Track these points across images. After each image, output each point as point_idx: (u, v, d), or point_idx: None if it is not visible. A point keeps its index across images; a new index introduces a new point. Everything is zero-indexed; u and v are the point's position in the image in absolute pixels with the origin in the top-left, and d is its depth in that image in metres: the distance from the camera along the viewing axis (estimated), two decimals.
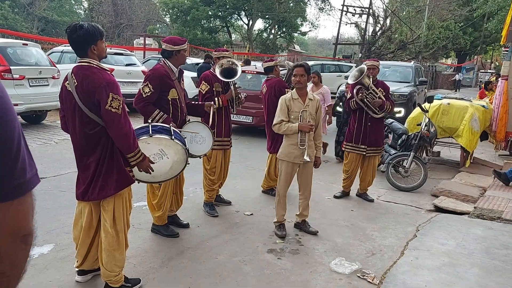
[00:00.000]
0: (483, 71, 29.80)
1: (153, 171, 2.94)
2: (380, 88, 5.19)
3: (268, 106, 5.02)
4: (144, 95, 3.61)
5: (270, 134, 4.98)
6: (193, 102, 4.27)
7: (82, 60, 2.66)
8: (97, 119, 2.65)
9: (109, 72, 2.70)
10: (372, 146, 5.22)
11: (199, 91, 4.46)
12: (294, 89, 4.08)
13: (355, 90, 5.15)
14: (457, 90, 31.28)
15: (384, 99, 5.11)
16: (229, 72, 4.31)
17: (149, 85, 3.60)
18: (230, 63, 4.32)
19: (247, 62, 11.83)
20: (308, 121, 3.96)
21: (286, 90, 4.73)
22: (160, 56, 3.99)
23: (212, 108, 4.15)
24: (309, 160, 3.99)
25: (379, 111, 5.13)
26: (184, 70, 3.97)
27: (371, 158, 5.32)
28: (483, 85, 13.44)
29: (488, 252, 3.96)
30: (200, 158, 4.08)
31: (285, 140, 4.06)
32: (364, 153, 5.24)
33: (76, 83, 2.61)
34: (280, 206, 4.14)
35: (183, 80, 3.95)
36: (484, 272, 3.56)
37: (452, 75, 35.21)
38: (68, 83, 2.67)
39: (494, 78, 13.41)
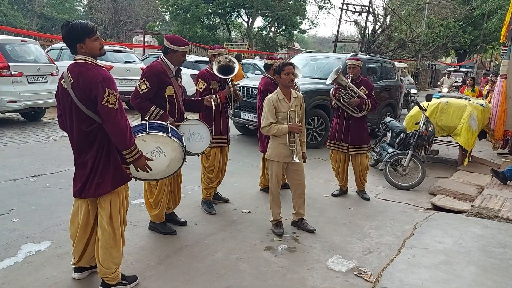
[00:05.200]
0: (451, 69, 26.28)
1: (151, 170, 2.94)
2: (362, 87, 5.17)
3: (259, 105, 5.02)
4: (140, 92, 3.61)
5: (261, 133, 4.97)
6: (192, 99, 4.26)
7: (77, 57, 2.65)
8: (93, 116, 2.65)
9: (104, 68, 2.70)
10: (354, 144, 5.20)
11: (197, 89, 4.45)
12: (279, 89, 4.01)
13: (332, 90, 5.17)
14: (457, 88, 31.14)
15: (365, 98, 5.08)
16: (227, 69, 4.31)
17: (146, 82, 3.60)
18: (228, 60, 4.33)
19: (238, 58, 11.77)
20: (296, 121, 3.96)
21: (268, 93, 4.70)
22: (159, 54, 3.97)
23: (212, 101, 4.13)
24: (298, 161, 4.00)
25: (357, 111, 5.12)
26: (181, 68, 3.95)
27: (357, 157, 5.28)
28: (470, 80, 13.15)
29: (485, 250, 3.97)
30: (198, 156, 4.08)
31: (274, 140, 4.03)
32: (345, 151, 5.24)
33: (72, 81, 2.61)
34: (275, 205, 4.15)
35: (181, 78, 3.95)
36: (481, 270, 3.57)
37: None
38: (64, 81, 2.67)
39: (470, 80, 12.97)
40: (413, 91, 15.69)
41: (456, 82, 17.23)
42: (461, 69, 26.36)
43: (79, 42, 2.62)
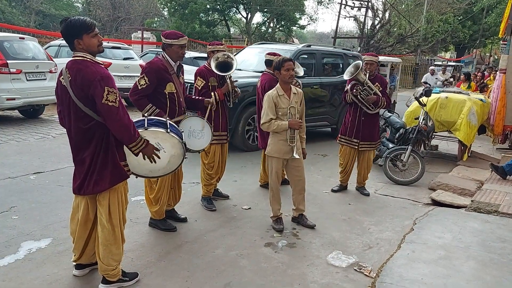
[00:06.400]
0: (439, 63, 23.60)
1: (159, 158, 2.92)
2: (377, 83, 5.15)
3: (259, 101, 5.00)
4: (139, 87, 3.60)
5: (261, 129, 4.96)
6: (193, 97, 4.25)
7: (76, 54, 2.65)
8: (91, 113, 2.64)
9: (103, 66, 2.69)
10: (365, 140, 5.20)
11: (195, 86, 4.44)
12: (279, 85, 4.00)
13: (349, 86, 5.14)
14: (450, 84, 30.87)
15: (380, 95, 5.08)
16: (225, 65, 4.30)
17: (145, 78, 3.59)
18: (226, 56, 4.31)
19: None
20: (296, 117, 3.96)
21: None
22: (158, 50, 3.96)
23: (210, 105, 4.14)
24: (298, 157, 3.99)
25: (373, 108, 5.12)
26: (183, 65, 3.93)
27: (366, 153, 5.30)
28: (462, 76, 12.95)
29: (484, 245, 3.98)
30: (199, 153, 4.08)
31: (274, 136, 4.02)
32: (356, 147, 5.23)
33: (70, 78, 2.60)
34: (275, 201, 4.15)
35: (182, 75, 3.93)
36: (480, 265, 3.58)
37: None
38: (62, 78, 2.67)
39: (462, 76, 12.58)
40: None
41: (451, 77, 16.49)
42: (449, 63, 24.14)
43: (76, 38, 2.60)
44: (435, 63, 25.66)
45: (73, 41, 2.61)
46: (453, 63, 24.94)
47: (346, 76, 5.14)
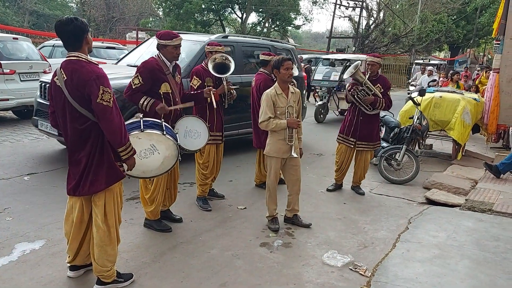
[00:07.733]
0: (420, 61, 21.03)
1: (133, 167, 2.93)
2: (378, 84, 5.14)
3: (254, 100, 5.01)
4: (133, 86, 3.60)
5: (256, 129, 4.97)
6: (191, 92, 4.22)
7: (71, 54, 2.64)
8: (87, 113, 2.63)
9: (98, 65, 2.69)
10: (362, 140, 5.20)
11: (191, 85, 4.44)
12: (277, 84, 4.02)
13: (348, 86, 5.16)
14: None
15: (380, 96, 5.07)
16: (222, 67, 4.29)
17: (139, 77, 3.58)
18: (224, 58, 4.30)
19: None
20: (295, 116, 3.97)
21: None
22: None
23: (211, 92, 4.11)
24: (296, 156, 4.00)
25: (370, 108, 5.12)
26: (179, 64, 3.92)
27: (363, 153, 5.31)
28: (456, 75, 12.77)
29: (478, 244, 4.00)
30: (195, 153, 4.07)
31: (273, 136, 4.03)
32: (352, 146, 5.25)
33: (65, 78, 2.59)
34: (271, 201, 4.16)
35: (179, 75, 3.92)
36: (474, 264, 3.60)
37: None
38: (57, 78, 2.65)
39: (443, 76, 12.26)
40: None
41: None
42: (432, 62, 21.67)
43: (86, 35, 2.65)
44: (416, 61, 23.54)
45: (83, 38, 2.64)
46: (436, 62, 22.78)
47: (346, 76, 5.17)
